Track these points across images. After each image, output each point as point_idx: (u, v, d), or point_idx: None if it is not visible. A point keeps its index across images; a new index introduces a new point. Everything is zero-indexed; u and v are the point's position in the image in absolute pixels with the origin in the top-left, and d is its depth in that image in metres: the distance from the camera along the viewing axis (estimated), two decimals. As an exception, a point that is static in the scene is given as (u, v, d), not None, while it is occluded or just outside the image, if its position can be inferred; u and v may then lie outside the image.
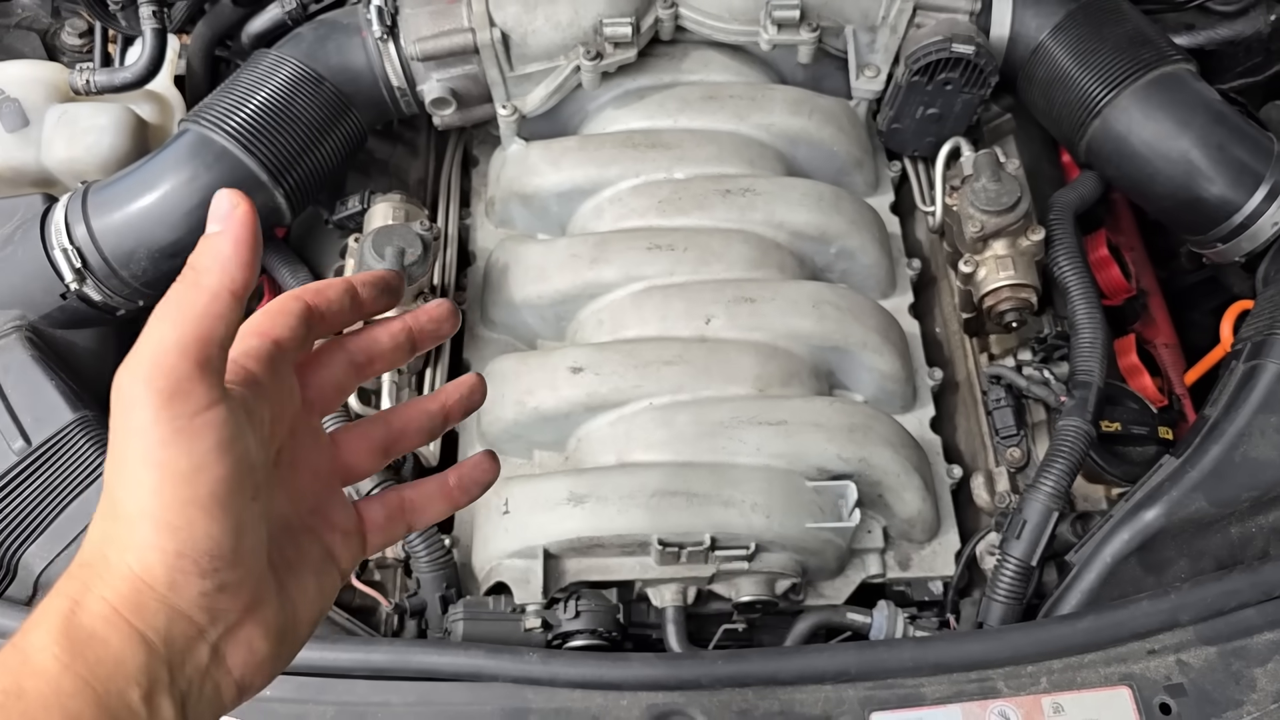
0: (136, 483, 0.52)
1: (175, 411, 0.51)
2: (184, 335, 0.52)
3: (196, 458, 0.52)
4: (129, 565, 0.52)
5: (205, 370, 0.52)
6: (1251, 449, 1.14)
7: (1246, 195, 1.29)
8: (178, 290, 0.54)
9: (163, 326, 0.52)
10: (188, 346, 0.51)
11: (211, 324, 0.52)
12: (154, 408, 0.51)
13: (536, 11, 1.35)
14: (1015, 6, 1.41)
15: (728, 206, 1.34)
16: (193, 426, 0.51)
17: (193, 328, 0.52)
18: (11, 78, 1.47)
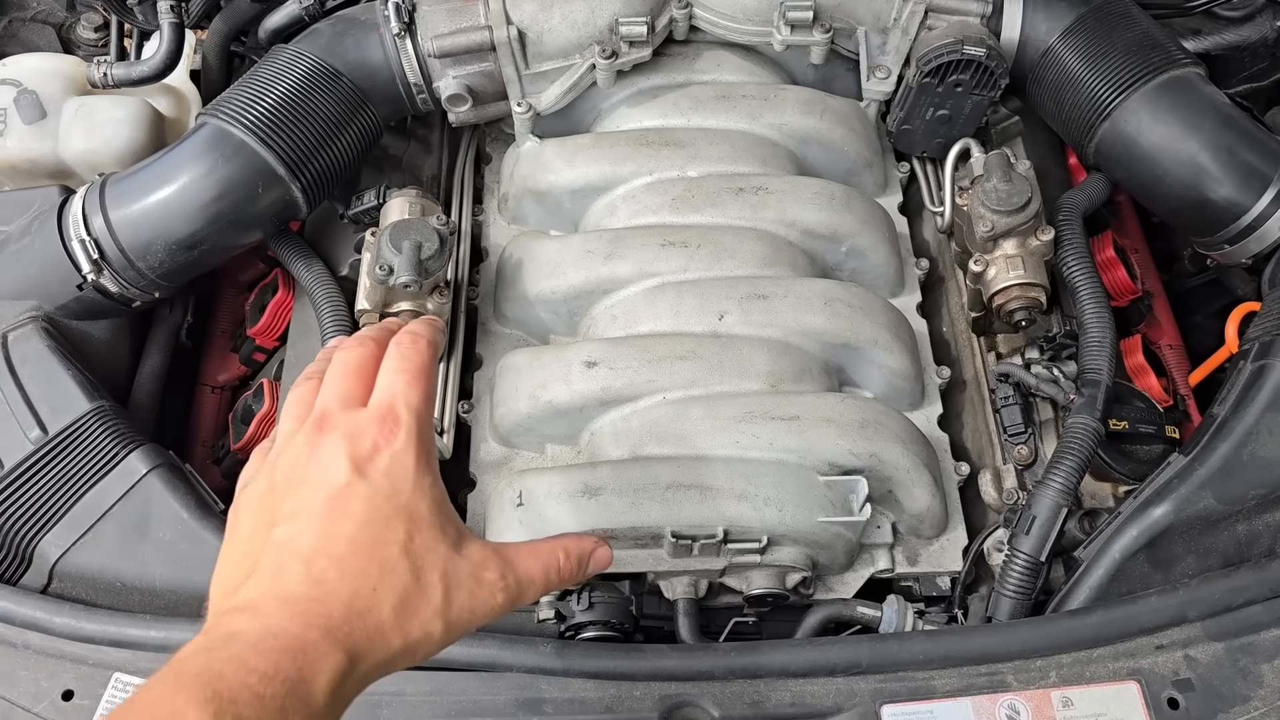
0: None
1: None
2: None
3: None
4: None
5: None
6: (1260, 447, 1.15)
7: (1254, 198, 1.31)
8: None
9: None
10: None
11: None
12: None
13: (553, 10, 1.36)
14: (1026, 10, 1.42)
15: (740, 204, 1.35)
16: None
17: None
18: (29, 70, 1.48)
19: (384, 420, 0.75)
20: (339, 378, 0.80)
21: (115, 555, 1.15)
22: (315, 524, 0.71)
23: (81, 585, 1.15)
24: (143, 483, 1.18)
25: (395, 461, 0.73)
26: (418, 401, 0.77)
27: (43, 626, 1.09)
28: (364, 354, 0.81)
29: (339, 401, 0.77)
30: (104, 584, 1.15)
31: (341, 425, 0.75)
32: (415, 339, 0.82)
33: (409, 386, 0.77)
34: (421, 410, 0.77)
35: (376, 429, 0.74)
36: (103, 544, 1.16)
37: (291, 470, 0.74)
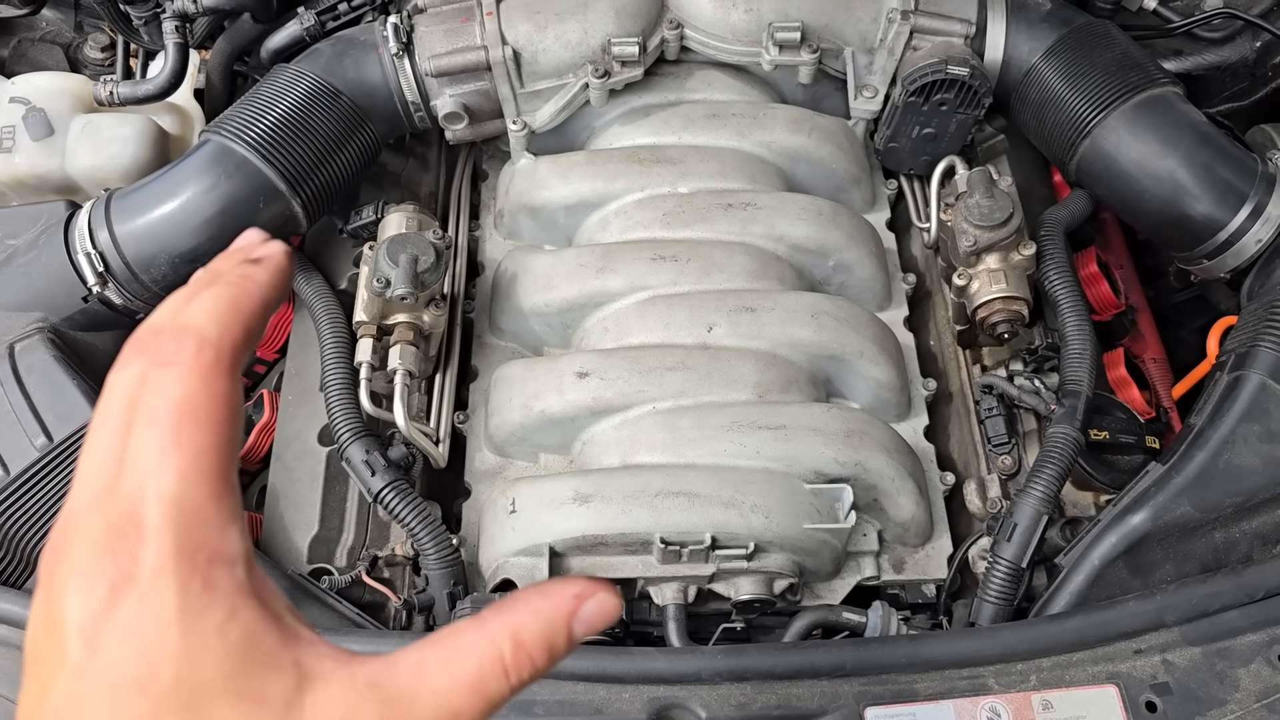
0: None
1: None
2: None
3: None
4: None
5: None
6: (1235, 456, 1.17)
7: (1231, 213, 1.34)
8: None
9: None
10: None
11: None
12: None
13: (547, 31, 1.40)
14: (1009, 31, 1.46)
15: (730, 220, 1.39)
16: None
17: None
18: (38, 89, 1.52)
19: (120, 537, 0.43)
20: (96, 436, 0.47)
21: (117, 560, 1.18)
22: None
23: (84, 589, 1.18)
24: (144, 489, 1.21)
25: (140, 613, 0.42)
26: (174, 479, 0.44)
27: (46, 629, 1.11)
28: (137, 376, 0.47)
29: (89, 490, 0.46)
30: (106, 588, 1.18)
31: (74, 553, 0.44)
32: (179, 341, 0.47)
33: (161, 454, 0.44)
34: (184, 493, 0.44)
35: (110, 558, 0.43)
36: (105, 549, 1.18)
37: (33, 636, 0.45)
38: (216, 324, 0.48)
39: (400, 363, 1.27)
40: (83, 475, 0.46)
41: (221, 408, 0.46)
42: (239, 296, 0.50)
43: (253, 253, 0.54)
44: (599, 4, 1.40)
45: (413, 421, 1.28)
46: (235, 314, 0.49)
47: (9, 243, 1.38)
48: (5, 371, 1.27)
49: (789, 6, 1.43)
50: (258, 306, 0.51)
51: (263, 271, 0.52)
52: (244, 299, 0.50)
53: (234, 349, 0.48)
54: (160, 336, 0.48)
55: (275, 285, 0.53)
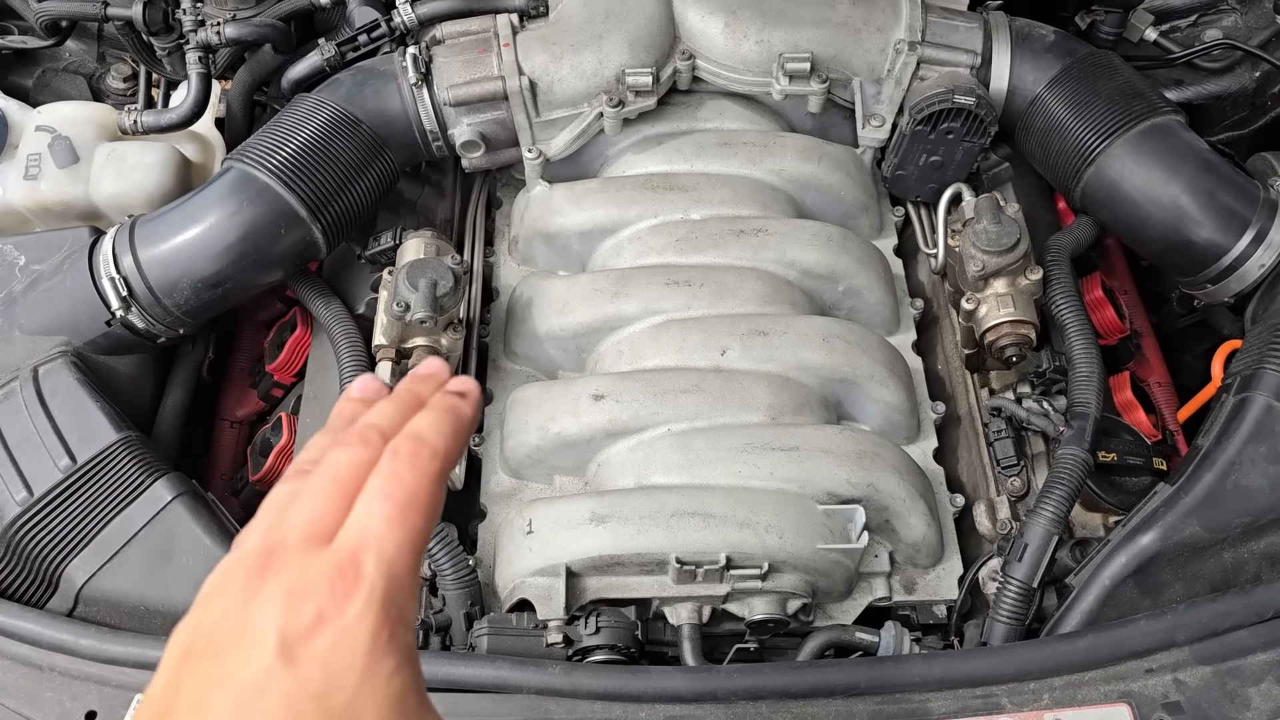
0: None
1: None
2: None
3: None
4: None
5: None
6: (1242, 477, 1.19)
7: (1234, 239, 1.36)
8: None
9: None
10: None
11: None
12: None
13: (563, 61, 1.43)
14: (1014, 61, 1.49)
15: (741, 246, 1.41)
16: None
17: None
18: (63, 118, 1.55)
19: (340, 576, 0.52)
20: (318, 492, 0.57)
21: (140, 580, 1.20)
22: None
23: (106, 609, 1.20)
24: (167, 510, 1.23)
25: (340, 641, 0.51)
26: (394, 548, 0.54)
27: (68, 649, 1.13)
28: (365, 459, 0.59)
29: (301, 532, 0.55)
30: (128, 608, 1.19)
31: (287, 574, 0.53)
32: (417, 446, 0.59)
33: (388, 524, 0.55)
34: (397, 562, 0.54)
35: (327, 590, 0.52)
36: (128, 569, 1.20)
37: (214, 629, 0.52)
38: (444, 441, 0.61)
39: (418, 385, 1.29)
40: (297, 516, 0.56)
41: (435, 506, 0.58)
42: (458, 425, 0.63)
43: (452, 384, 0.67)
44: (613, 36, 1.43)
45: (430, 443, 1.29)
46: (457, 438, 0.62)
47: (34, 268, 1.41)
48: (30, 394, 1.29)
49: (799, 38, 1.46)
50: (466, 435, 0.64)
51: (469, 407, 0.65)
52: (461, 428, 0.63)
53: (451, 465, 0.61)
54: (398, 438, 0.60)
55: (476, 419, 0.67)
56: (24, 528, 1.21)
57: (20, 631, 1.14)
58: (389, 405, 0.64)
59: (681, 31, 1.49)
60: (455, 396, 0.65)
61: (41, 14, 1.62)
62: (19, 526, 1.21)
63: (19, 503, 1.22)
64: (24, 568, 1.22)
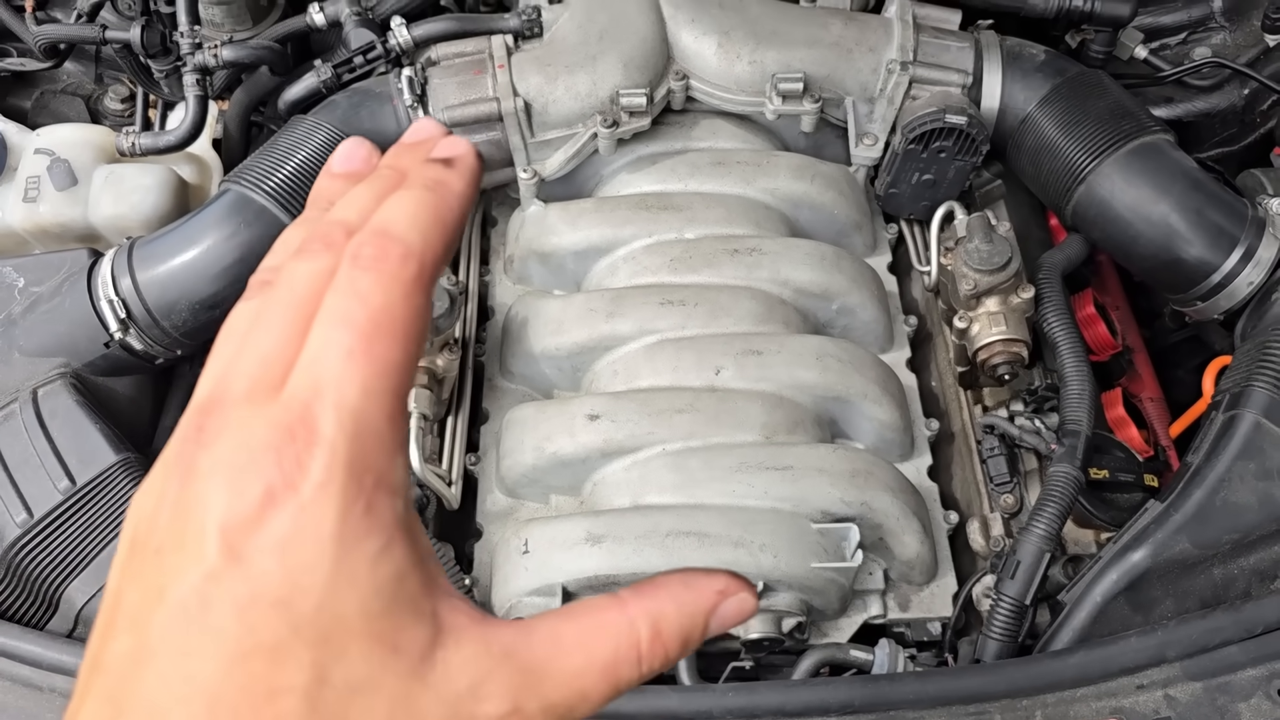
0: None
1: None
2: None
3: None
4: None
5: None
6: (1231, 494, 1.20)
7: (1223, 256, 1.37)
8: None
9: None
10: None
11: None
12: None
13: (557, 82, 1.45)
14: (1004, 80, 1.50)
15: (735, 265, 1.42)
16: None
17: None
18: (62, 140, 1.56)
19: (289, 438, 0.38)
20: (273, 316, 0.42)
21: (138, 601, 1.20)
22: (154, 656, 0.37)
23: (105, 630, 1.20)
24: (165, 531, 1.23)
25: (297, 527, 0.38)
26: (358, 392, 0.39)
27: (69, 670, 1.13)
28: (329, 268, 0.42)
29: (248, 377, 0.41)
30: (127, 629, 1.20)
31: (226, 439, 0.39)
32: (383, 246, 0.42)
33: (347, 360, 0.40)
34: (364, 409, 0.39)
35: (274, 458, 0.38)
36: (126, 590, 1.21)
37: (153, 516, 0.40)
38: (421, 235, 0.44)
39: (415, 406, 1.30)
40: (247, 356, 0.41)
41: (417, 326, 0.42)
42: (440, 207, 0.45)
43: (438, 149, 0.49)
44: (607, 57, 1.45)
45: (426, 464, 1.30)
46: (438, 226, 0.44)
47: (33, 290, 1.42)
48: (29, 416, 1.30)
49: (791, 58, 1.48)
50: (457, 219, 0.46)
51: (459, 179, 0.47)
52: (445, 211, 0.45)
53: (435, 264, 0.44)
54: (358, 236, 0.43)
55: (472, 195, 0.48)
56: (24, 549, 1.22)
57: (20, 653, 1.14)
58: (364, 188, 0.47)
59: (675, 52, 1.50)
60: (439, 166, 0.47)
61: (40, 37, 1.64)
62: (19, 548, 1.22)
63: (19, 524, 1.22)
64: (24, 589, 1.22)
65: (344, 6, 1.52)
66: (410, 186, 0.46)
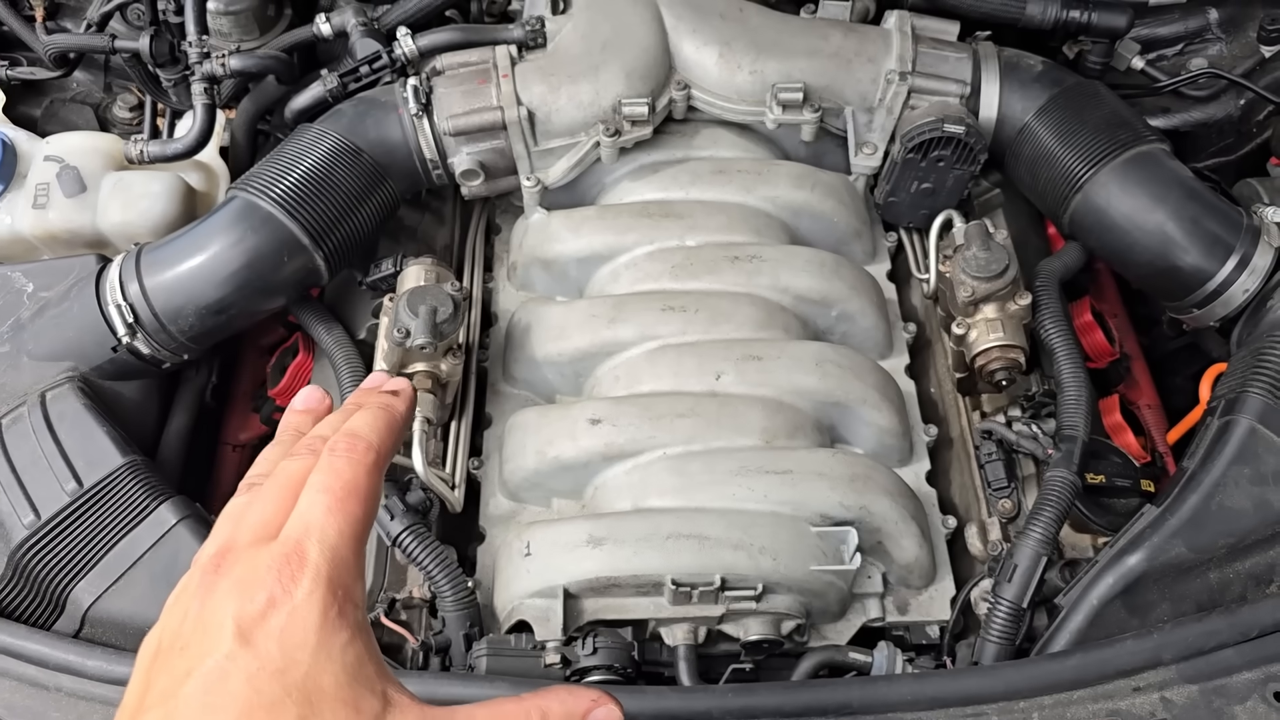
0: None
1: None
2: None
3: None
4: None
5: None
6: (1226, 498, 1.21)
7: (1219, 264, 1.39)
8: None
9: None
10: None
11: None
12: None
13: (560, 92, 1.46)
14: (1002, 90, 1.52)
15: (736, 272, 1.44)
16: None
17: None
18: (71, 148, 1.58)
19: (285, 564, 0.58)
20: (267, 498, 0.64)
21: (145, 602, 1.22)
22: (183, 716, 0.54)
23: (112, 630, 1.22)
24: (172, 533, 1.25)
25: (291, 621, 0.56)
26: (335, 534, 0.60)
27: (75, 670, 1.15)
28: (310, 464, 0.65)
29: (251, 532, 0.62)
30: (133, 629, 1.21)
31: (238, 569, 0.59)
32: (352, 441, 0.66)
33: (327, 513, 0.61)
34: (339, 546, 0.60)
35: (275, 577, 0.57)
36: (133, 591, 1.22)
37: (178, 628, 0.58)
38: (378, 435, 0.67)
39: (419, 410, 1.32)
40: (249, 518, 0.62)
41: (373, 496, 0.64)
42: (391, 419, 0.70)
43: (385, 386, 0.75)
44: (610, 66, 1.47)
45: (430, 467, 1.32)
46: (390, 431, 0.69)
47: (41, 295, 1.44)
48: (37, 419, 1.31)
49: (791, 68, 1.49)
50: (400, 427, 0.71)
51: (402, 403, 0.73)
52: (394, 421, 0.70)
53: (387, 455, 0.68)
54: (333, 439, 0.66)
55: (410, 412, 0.74)
56: (31, 550, 1.23)
57: (27, 652, 1.16)
58: (335, 416, 0.72)
59: (677, 62, 1.52)
60: (388, 395, 0.74)
61: (50, 46, 1.66)
62: (26, 549, 1.23)
63: (26, 525, 1.24)
64: (31, 590, 1.24)
65: (350, 17, 1.55)
66: (368, 407, 0.71)
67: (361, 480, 0.64)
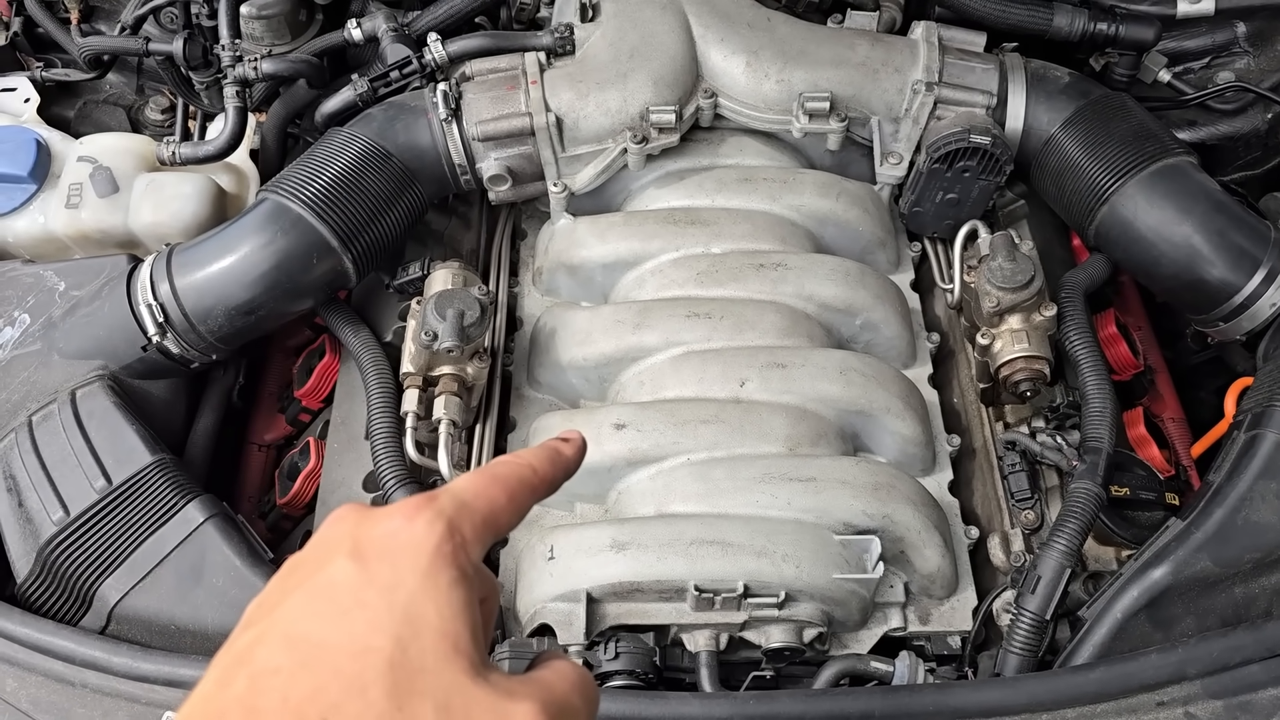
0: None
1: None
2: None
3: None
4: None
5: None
6: (1253, 513, 1.21)
7: (1246, 278, 1.39)
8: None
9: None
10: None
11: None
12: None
13: (589, 99, 1.47)
14: (1029, 102, 1.52)
15: (761, 279, 1.44)
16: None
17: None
18: (104, 148, 1.60)
19: (416, 502, 0.57)
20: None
21: (171, 599, 1.23)
22: (286, 618, 0.53)
23: (138, 627, 1.23)
24: (199, 531, 1.26)
25: (405, 543, 0.55)
26: (470, 495, 0.59)
27: (101, 666, 1.15)
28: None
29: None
30: (159, 626, 1.22)
31: (370, 512, 0.59)
32: (517, 456, 0.66)
33: (470, 480, 0.61)
34: (470, 503, 0.59)
35: (401, 509, 0.57)
36: (160, 588, 1.23)
37: (305, 553, 0.58)
38: (541, 465, 0.66)
39: (445, 413, 1.33)
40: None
41: (517, 498, 0.63)
42: (556, 456, 0.68)
43: (558, 434, 0.72)
44: (638, 74, 1.48)
45: (455, 469, 1.33)
46: (553, 465, 0.67)
47: (73, 293, 1.46)
48: (67, 416, 1.33)
49: (818, 78, 1.50)
50: (564, 468, 0.68)
51: (571, 449, 0.70)
52: (560, 461, 0.68)
53: (547, 485, 0.66)
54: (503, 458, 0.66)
55: (577, 461, 0.71)
56: (60, 547, 1.25)
57: (54, 648, 1.17)
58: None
59: (704, 70, 1.53)
60: (559, 441, 0.71)
61: (85, 48, 1.68)
62: (55, 545, 1.25)
63: (55, 522, 1.26)
64: (59, 586, 1.25)
65: (381, 22, 1.56)
66: (541, 447, 0.68)
67: (514, 479, 0.62)
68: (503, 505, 0.61)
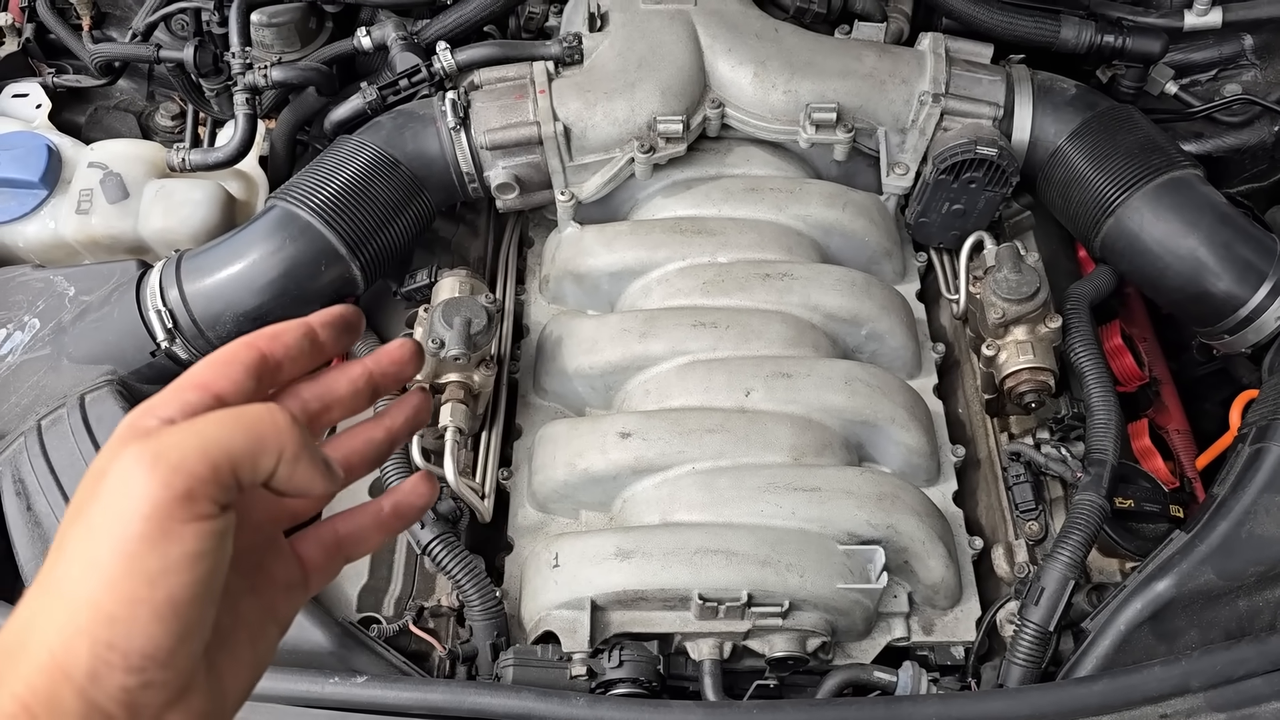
0: (94, 567, 0.47)
1: (173, 514, 0.47)
2: (226, 445, 0.49)
3: (169, 561, 0.47)
4: (50, 651, 0.47)
5: (222, 485, 0.49)
6: (1257, 526, 1.21)
7: (1251, 291, 1.39)
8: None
9: (211, 428, 0.50)
10: (220, 461, 0.48)
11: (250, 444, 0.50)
12: (155, 504, 0.47)
13: (596, 108, 1.48)
14: (1035, 113, 1.53)
15: (767, 289, 1.45)
16: (181, 531, 0.47)
17: (236, 441, 0.50)
18: (114, 154, 1.61)
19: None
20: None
21: (178, 604, 1.23)
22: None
23: (145, 632, 1.23)
24: (206, 536, 1.26)
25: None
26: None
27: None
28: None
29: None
30: (166, 631, 1.22)
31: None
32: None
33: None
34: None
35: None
36: (167, 593, 1.23)
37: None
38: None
39: (451, 420, 1.33)
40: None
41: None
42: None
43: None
44: (646, 84, 1.48)
45: (460, 477, 1.33)
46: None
47: (83, 299, 1.46)
48: (76, 421, 1.33)
49: (825, 89, 1.51)
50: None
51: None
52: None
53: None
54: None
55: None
56: (68, 551, 1.25)
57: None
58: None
59: (712, 80, 1.53)
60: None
61: (96, 55, 1.69)
62: (64, 549, 1.25)
63: (64, 527, 1.26)
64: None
65: (390, 31, 1.57)
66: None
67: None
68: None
